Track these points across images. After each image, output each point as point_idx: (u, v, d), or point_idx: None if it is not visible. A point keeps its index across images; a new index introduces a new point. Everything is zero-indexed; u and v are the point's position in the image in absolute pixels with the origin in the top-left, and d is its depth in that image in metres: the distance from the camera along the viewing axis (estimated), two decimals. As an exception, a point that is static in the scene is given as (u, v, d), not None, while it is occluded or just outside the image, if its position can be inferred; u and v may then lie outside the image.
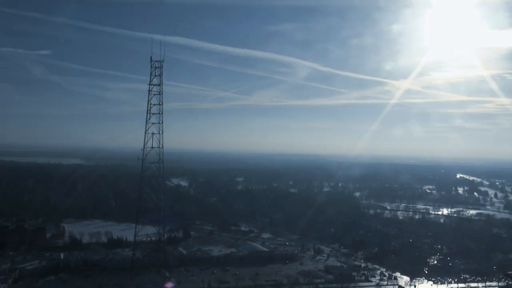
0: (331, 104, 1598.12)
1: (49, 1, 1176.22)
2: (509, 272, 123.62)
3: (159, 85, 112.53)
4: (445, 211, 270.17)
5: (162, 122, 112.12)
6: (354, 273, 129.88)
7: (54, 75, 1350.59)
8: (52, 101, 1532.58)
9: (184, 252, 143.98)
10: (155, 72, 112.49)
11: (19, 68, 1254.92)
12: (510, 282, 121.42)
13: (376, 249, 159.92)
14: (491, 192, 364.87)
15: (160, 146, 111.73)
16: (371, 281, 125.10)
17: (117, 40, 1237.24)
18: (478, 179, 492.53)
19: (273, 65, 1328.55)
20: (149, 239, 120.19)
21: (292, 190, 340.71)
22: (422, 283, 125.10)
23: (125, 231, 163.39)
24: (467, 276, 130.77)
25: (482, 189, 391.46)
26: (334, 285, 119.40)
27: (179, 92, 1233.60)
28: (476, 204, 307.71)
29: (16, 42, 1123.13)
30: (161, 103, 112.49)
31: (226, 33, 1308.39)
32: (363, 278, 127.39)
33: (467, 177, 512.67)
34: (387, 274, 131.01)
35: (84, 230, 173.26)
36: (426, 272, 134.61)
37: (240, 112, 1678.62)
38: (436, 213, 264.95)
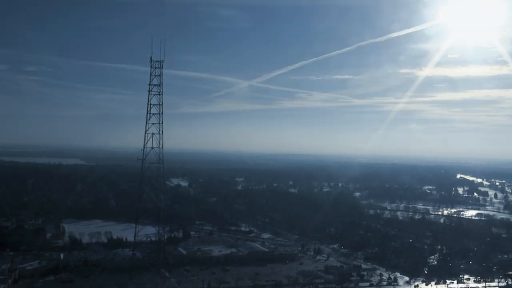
0: (331, 105, 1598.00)
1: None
2: (509, 272, 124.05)
3: (159, 85, 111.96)
4: (445, 211, 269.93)
5: (162, 123, 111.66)
6: (354, 273, 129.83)
7: (51, 86, 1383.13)
8: (52, 103, 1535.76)
9: (184, 252, 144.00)
10: (155, 72, 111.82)
11: (22, 78, 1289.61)
12: (510, 282, 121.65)
13: (376, 249, 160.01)
14: (491, 193, 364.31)
15: (160, 146, 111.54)
16: (371, 281, 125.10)
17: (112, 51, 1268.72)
18: (478, 180, 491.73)
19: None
20: (149, 239, 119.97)
21: (292, 190, 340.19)
22: (422, 283, 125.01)
23: (125, 231, 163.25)
24: (467, 276, 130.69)
25: (482, 189, 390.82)
26: (334, 285, 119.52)
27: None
28: (476, 205, 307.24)
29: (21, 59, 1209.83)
30: (161, 103, 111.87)
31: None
32: (364, 278, 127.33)
33: (467, 177, 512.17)
34: (386, 275, 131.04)
35: (84, 230, 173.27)
36: (426, 272, 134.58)
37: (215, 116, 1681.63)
38: (436, 213, 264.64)
